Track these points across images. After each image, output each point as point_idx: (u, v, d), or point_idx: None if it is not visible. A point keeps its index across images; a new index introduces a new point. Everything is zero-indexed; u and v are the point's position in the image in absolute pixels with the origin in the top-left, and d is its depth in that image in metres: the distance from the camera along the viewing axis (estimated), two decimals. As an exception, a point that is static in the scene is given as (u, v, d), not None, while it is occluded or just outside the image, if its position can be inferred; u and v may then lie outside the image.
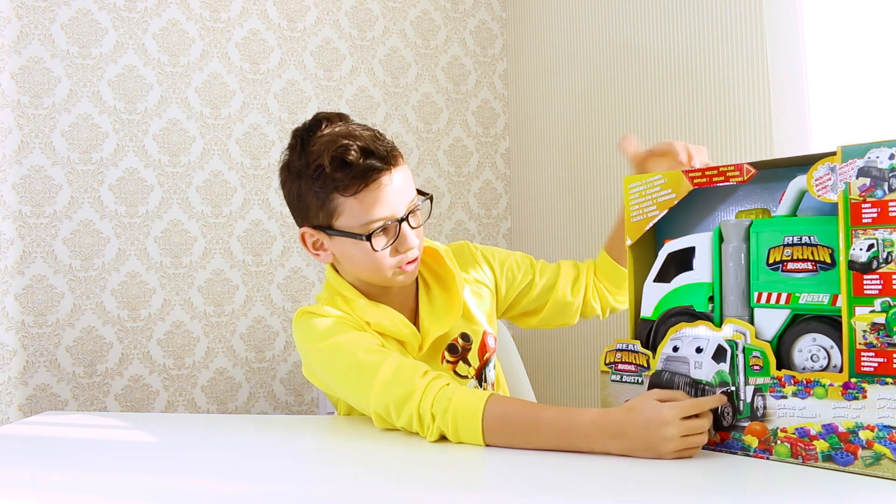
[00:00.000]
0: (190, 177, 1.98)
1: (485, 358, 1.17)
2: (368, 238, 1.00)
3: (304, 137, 1.03)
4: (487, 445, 0.89)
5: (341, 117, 1.06)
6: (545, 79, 2.25)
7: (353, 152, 0.98)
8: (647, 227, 0.94)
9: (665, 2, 1.81)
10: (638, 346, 0.92)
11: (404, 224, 1.03)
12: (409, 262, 1.05)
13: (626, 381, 0.93)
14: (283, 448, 0.95)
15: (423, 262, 1.14)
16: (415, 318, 1.13)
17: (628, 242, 0.96)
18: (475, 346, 1.15)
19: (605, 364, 0.96)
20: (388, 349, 1.03)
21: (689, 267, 0.91)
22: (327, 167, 0.98)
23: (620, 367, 0.94)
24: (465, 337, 1.15)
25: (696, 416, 0.81)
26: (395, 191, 1.01)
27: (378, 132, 1.04)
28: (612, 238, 1.21)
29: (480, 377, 1.16)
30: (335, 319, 1.05)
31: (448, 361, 1.13)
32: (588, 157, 2.08)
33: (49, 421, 1.15)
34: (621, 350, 0.94)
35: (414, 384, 0.93)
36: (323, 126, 1.03)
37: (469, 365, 1.15)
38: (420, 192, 1.08)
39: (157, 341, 1.93)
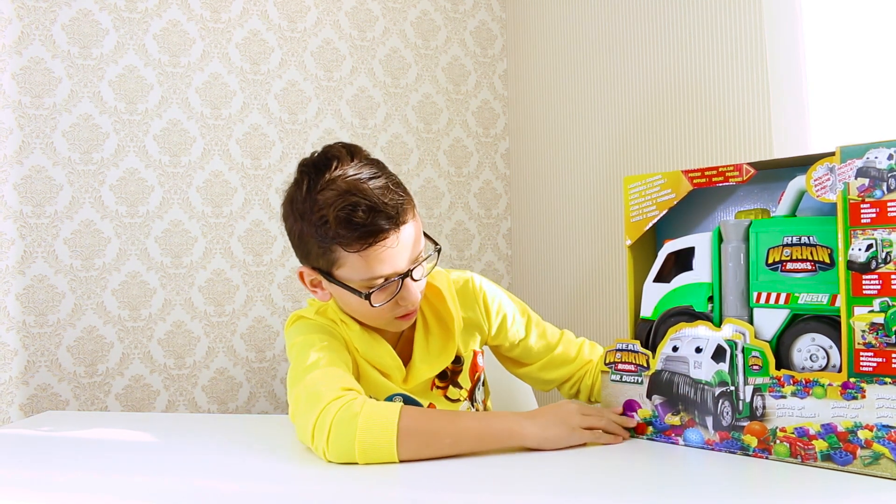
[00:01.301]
0: (190, 177, 1.98)
1: (475, 377, 1.16)
2: (367, 296, 0.97)
3: (312, 178, 0.97)
4: (400, 459, 0.85)
5: (352, 154, 0.99)
6: (545, 79, 2.26)
7: (360, 213, 0.92)
8: (647, 228, 0.94)
9: (665, 2, 1.81)
10: (638, 346, 0.92)
11: (407, 279, 0.98)
12: (406, 315, 1.02)
13: (625, 381, 0.93)
14: (283, 448, 0.95)
15: (425, 297, 1.11)
16: (401, 350, 1.10)
17: (628, 242, 0.96)
18: (466, 368, 1.14)
19: (605, 364, 0.96)
20: (344, 364, 1.00)
21: (688, 267, 0.91)
22: (331, 222, 0.93)
23: (620, 366, 0.94)
24: (456, 360, 1.12)
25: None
26: (400, 249, 0.96)
27: (390, 182, 0.97)
28: None
29: (472, 398, 1.15)
30: (317, 324, 1.05)
31: (438, 387, 1.12)
32: (588, 157, 2.08)
33: (50, 421, 1.16)
34: (621, 350, 0.94)
35: (321, 396, 0.90)
36: (333, 166, 0.96)
37: (460, 388, 1.13)
38: (428, 238, 1.03)
39: (157, 341, 1.93)
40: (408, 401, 1.08)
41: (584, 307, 2.06)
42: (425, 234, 1.03)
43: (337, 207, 0.93)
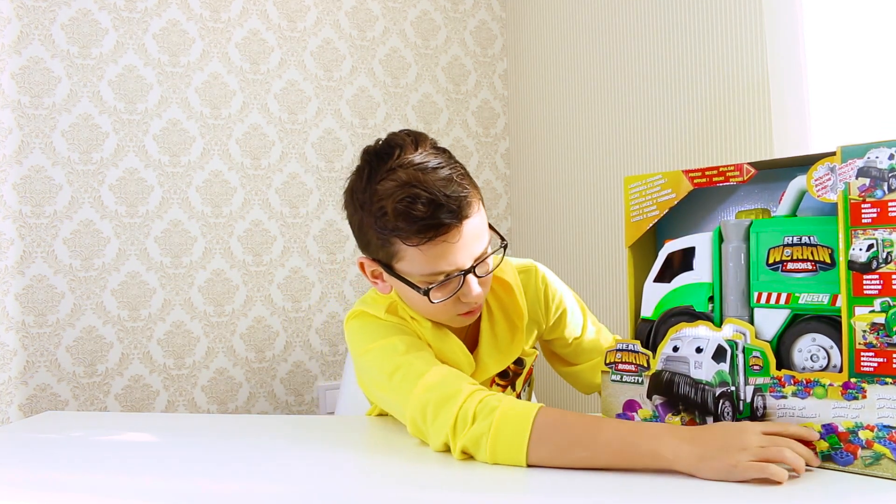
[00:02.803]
0: (190, 177, 1.98)
1: (528, 381, 1.15)
2: (427, 292, 0.93)
3: (373, 167, 0.93)
4: (529, 464, 0.80)
5: (416, 142, 0.95)
6: (545, 79, 2.25)
7: (419, 206, 0.88)
8: (647, 228, 0.94)
9: (665, 2, 1.81)
10: (638, 346, 0.92)
11: (469, 275, 0.94)
12: (469, 312, 0.99)
13: (626, 381, 0.93)
14: (283, 448, 0.95)
15: (493, 292, 1.08)
16: (470, 342, 1.07)
17: (629, 243, 0.96)
18: (524, 371, 1.13)
19: (606, 364, 0.96)
20: (448, 366, 0.96)
21: (689, 267, 0.91)
22: (390, 215, 0.89)
23: (621, 366, 0.94)
24: (518, 362, 1.11)
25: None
26: (462, 245, 0.91)
27: (455, 174, 0.92)
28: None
29: (519, 398, 1.14)
30: (391, 324, 1.00)
31: (499, 385, 1.10)
32: (588, 156, 2.08)
33: (49, 421, 1.15)
34: (621, 350, 0.94)
35: (460, 387, 0.88)
36: (395, 155, 0.92)
37: (514, 389, 1.12)
38: (494, 232, 0.98)
39: (157, 341, 1.93)
40: None
41: (584, 307, 2.06)
42: (491, 228, 0.98)
43: (396, 199, 0.89)
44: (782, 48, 1.56)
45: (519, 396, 1.14)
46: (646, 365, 0.91)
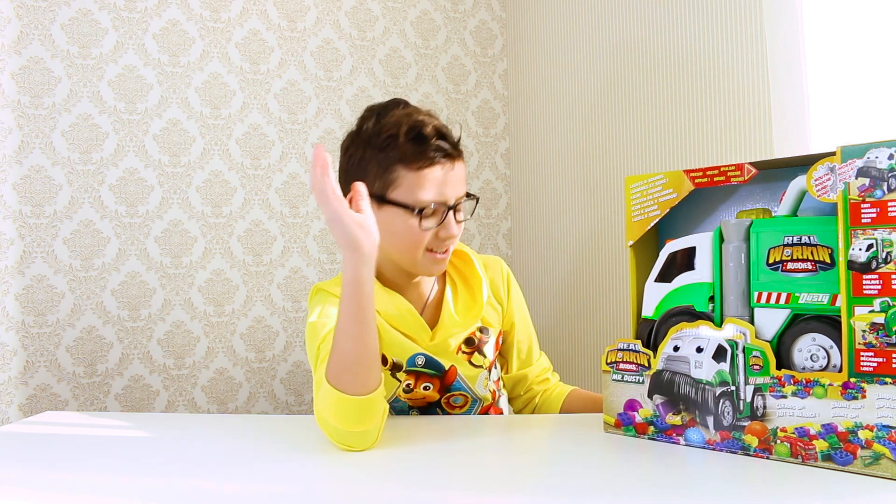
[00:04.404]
0: (190, 177, 1.98)
1: (497, 353, 1.22)
2: (420, 212, 1.03)
3: (381, 113, 1.08)
4: (329, 382, 0.87)
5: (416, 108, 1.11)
6: (545, 79, 2.25)
7: (429, 128, 1.03)
8: (649, 227, 0.94)
9: (665, 2, 1.81)
10: (639, 345, 0.92)
11: (451, 213, 1.06)
12: (442, 252, 1.09)
13: (627, 381, 0.93)
14: (283, 448, 0.95)
15: (453, 263, 1.19)
16: (426, 312, 1.16)
17: (630, 242, 0.96)
18: (491, 340, 1.19)
19: (607, 364, 0.96)
20: None
21: (690, 267, 0.91)
22: (401, 136, 1.02)
23: (622, 366, 0.94)
24: (482, 330, 1.18)
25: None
26: (453, 179, 1.05)
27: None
28: (579, 402, 1.22)
29: (490, 369, 1.19)
30: (333, 297, 1.08)
31: (464, 352, 1.16)
32: (588, 156, 2.08)
33: (49, 421, 1.15)
34: (622, 350, 0.94)
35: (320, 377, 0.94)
36: (401, 105, 1.09)
37: (484, 356, 1.17)
38: (468, 194, 1.11)
39: (157, 341, 1.93)
40: (430, 360, 1.12)
41: (584, 307, 2.06)
42: (466, 193, 1.10)
43: (408, 125, 1.03)
44: (782, 48, 1.56)
45: (491, 367, 1.19)
46: (647, 364, 0.91)
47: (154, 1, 1.95)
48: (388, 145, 1.03)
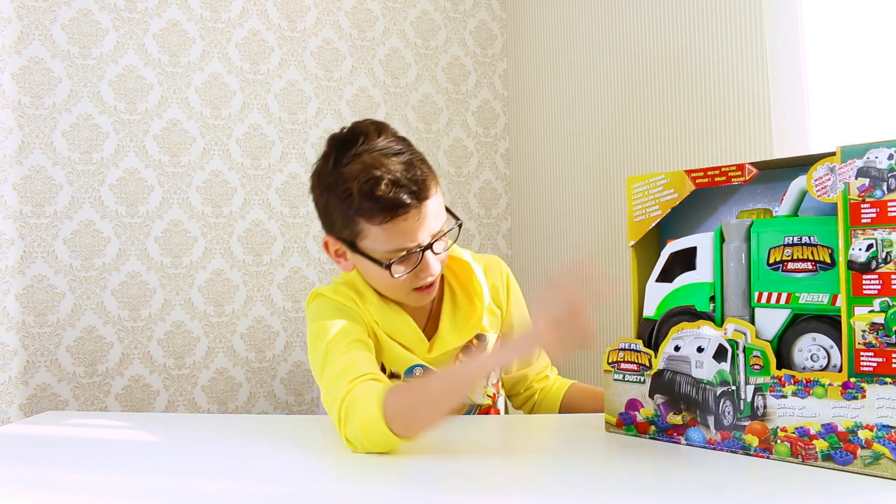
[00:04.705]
0: (190, 177, 1.98)
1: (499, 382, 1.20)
2: (388, 266, 1.00)
3: (339, 151, 1.01)
4: (398, 434, 0.85)
5: (379, 130, 1.03)
6: (545, 79, 2.26)
7: (382, 186, 0.96)
8: (650, 227, 0.94)
9: (665, 2, 1.82)
10: (640, 345, 0.92)
11: (427, 252, 1.02)
12: (426, 287, 1.06)
13: (628, 381, 0.93)
14: (283, 448, 0.95)
15: (452, 272, 1.16)
16: (427, 323, 1.14)
17: (631, 243, 0.96)
18: (489, 347, 1.17)
19: (608, 363, 0.96)
20: (360, 343, 1.01)
21: (691, 267, 0.91)
22: (355, 195, 0.97)
23: (623, 366, 0.94)
24: (479, 338, 1.16)
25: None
26: (422, 223, 1.00)
27: (415, 159, 1.01)
28: (579, 395, 1.22)
29: (488, 377, 1.18)
30: (333, 304, 1.06)
31: (462, 362, 1.14)
32: (588, 157, 2.08)
33: (49, 421, 1.15)
34: (624, 349, 0.94)
35: (342, 385, 0.92)
36: (360, 141, 1.00)
37: None
38: (450, 214, 1.07)
39: (157, 341, 1.93)
40: (428, 372, 1.11)
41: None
42: (448, 210, 1.07)
43: (361, 181, 0.97)
44: (782, 49, 1.56)
45: (488, 376, 1.18)
46: (648, 364, 0.91)
47: (154, 1, 1.95)
48: (346, 198, 0.98)
